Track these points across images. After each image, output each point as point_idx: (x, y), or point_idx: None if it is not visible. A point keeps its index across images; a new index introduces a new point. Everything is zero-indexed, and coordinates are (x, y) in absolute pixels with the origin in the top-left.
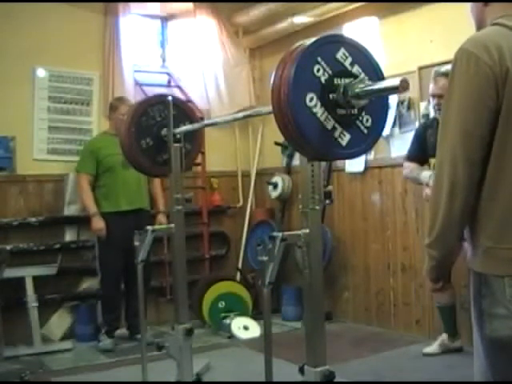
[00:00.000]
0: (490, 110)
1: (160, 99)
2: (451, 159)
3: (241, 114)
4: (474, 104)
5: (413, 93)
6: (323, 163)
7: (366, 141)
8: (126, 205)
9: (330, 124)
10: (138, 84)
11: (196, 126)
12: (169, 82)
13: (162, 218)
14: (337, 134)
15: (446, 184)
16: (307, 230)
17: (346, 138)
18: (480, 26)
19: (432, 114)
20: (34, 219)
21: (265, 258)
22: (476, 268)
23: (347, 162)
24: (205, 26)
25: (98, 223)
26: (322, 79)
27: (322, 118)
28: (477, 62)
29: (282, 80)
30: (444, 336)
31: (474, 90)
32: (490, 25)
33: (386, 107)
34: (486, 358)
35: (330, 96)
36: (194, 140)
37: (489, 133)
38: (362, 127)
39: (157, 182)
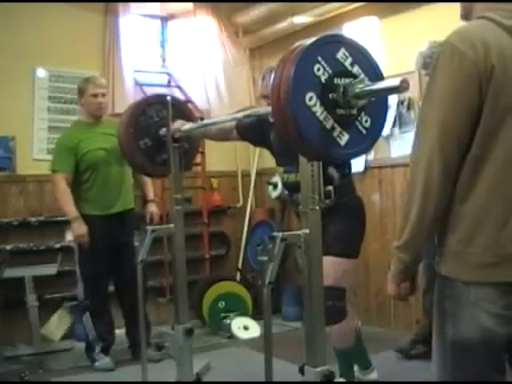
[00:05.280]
0: (471, 110)
1: (158, 99)
2: (427, 159)
3: (240, 114)
4: (455, 103)
5: (413, 93)
6: None
7: (365, 141)
8: (109, 207)
9: (329, 123)
10: (137, 84)
11: (195, 125)
12: (169, 81)
13: (152, 207)
14: (335, 133)
15: (420, 184)
16: (307, 230)
17: (344, 138)
18: (466, 14)
19: None
20: (33, 219)
21: (265, 258)
22: (442, 272)
23: None
24: (205, 25)
25: (80, 228)
26: (322, 79)
27: (322, 118)
28: (461, 58)
29: (282, 79)
30: None
31: (455, 88)
32: (476, 17)
33: (385, 108)
34: (447, 364)
35: (330, 96)
36: (193, 140)
37: (469, 134)
38: (361, 127)
39: None
